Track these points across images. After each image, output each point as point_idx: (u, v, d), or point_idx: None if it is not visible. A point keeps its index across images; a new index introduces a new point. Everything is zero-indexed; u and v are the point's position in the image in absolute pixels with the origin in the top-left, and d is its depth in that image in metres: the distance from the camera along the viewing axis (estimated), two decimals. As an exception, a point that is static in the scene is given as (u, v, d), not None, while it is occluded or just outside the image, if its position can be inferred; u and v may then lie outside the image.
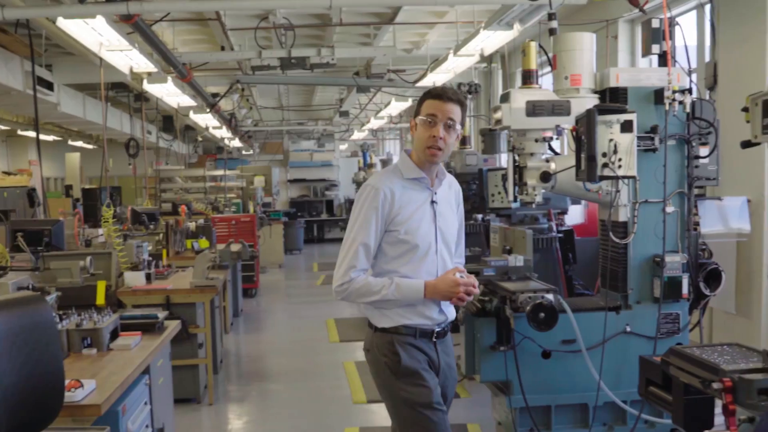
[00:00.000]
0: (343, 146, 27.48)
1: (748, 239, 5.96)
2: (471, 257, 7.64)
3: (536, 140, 5.49)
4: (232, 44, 10.89)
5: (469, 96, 12.34)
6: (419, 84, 11.93)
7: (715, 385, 2.50)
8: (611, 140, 4.71)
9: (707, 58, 7.07)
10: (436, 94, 3.44)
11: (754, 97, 2.55)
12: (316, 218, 25.82)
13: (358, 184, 20.09)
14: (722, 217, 5.54)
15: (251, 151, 25.80)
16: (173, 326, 5.27)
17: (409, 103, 16.29)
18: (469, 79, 12.25)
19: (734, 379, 2.47)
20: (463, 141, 9.23)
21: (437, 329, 3.57)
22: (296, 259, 20.68)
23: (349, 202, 23.78)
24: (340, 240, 15.48)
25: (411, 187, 3.51)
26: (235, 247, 8.78)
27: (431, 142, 3.41)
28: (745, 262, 6.31)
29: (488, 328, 5.09)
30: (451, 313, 3.64)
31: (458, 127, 3.46)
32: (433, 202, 3.53)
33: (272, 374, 8.49)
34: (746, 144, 2.65)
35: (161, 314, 5.18)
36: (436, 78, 11.35)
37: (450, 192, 3.67)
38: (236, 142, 21.65)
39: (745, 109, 2.63)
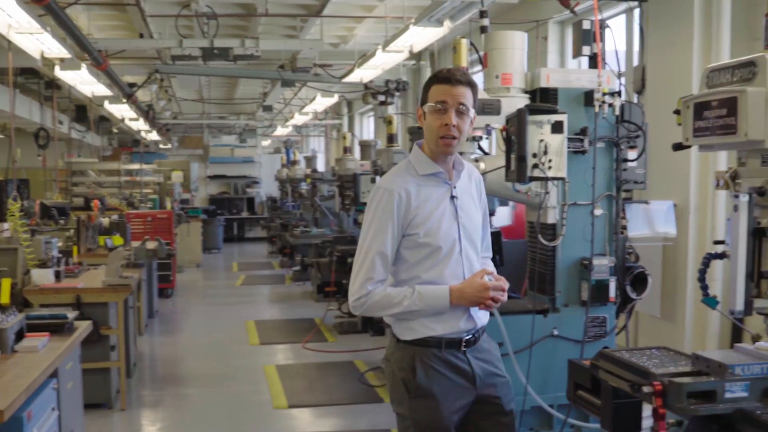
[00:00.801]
0: (266, 142, 27.28)
1: (673, 243, 6.11)
2: None
3: (466, 139, 5.60)
4: (152, 32, 10.69)
5: (397, 94, 12.47)
6: (346, 80, 11.92)
7: (646, 389, 2.54)
8: (542, 141, 4.77)
9: (635, 62, 7.22)
10: (444, 77, 3.18)
11: (686, 99, 2.60)
12: (237, 216, 25.57)
13: (281, 181, 20.02)
14: (649, 221, 5.67)
15: (169, 145, 25.38)
16: (84, 327, 5.14)
17: (335, 99, 16.31)
18: (397, 76, 12.36)
19: (664, 382, 2.52)
20: (390, 139, 9.25)
21: (466, 337, 3.30)
22: (215, 258, 20.47)
23: (272, 200, 23.62)
24: (261, 239, 15.48)
25: (427, 184, 3.27)
26: (150, 245, 8.62)
27: (444, 131, 3.16)
28: (670, 266, 6.48)
29: None
30: (482, 317, 3.37)
31: (471, 111, 3.21)
32: (453, 197, 3.28)
33: (188, 378, 8.36)
34: (678, 146, 2.70)
35: (71, 314, 5.05)
36: (363, 74, 11.36)
37: (470, 183, 3.42)
38: (154, 136, 21.27)
39: (677, 112, 2.68)
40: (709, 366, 2.58)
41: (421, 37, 8.83)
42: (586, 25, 5.30)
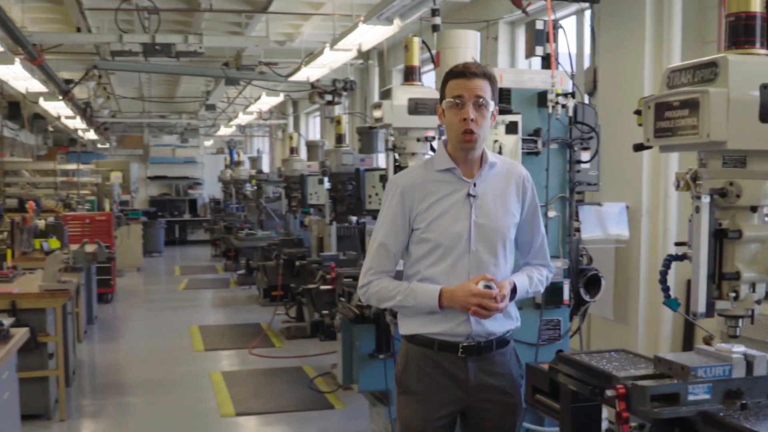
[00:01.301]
0: (209, 142, 27.07)
1: (626, 245, 6.19)
2: (346, 261, 7.67)
3: (418, 139, 5.61)
4: (90, 26, 10.52)
5: (344, 93, 12.45)
6: (292, 78, 11.87)
7: (609, 393, 2.55)
8: (496, 141, 4.77)
9: (587, 64, 7.30)
10: (458, 72, 3.17)
11: (647, 100, 2.62)
12: (178, 218, 25.33)
13: (225, 182, 19.87)
14: (602, 223, 5.73)
15: (108, 145, 25.02)
16: (20, 334, 5.01)
17: (280, 98, 16.23)
18: (345, 76, 12.34)
19: (627, 386, 2.53)
20: (339, 139, 9.22)
21: (465, 343, 3.24)
22: (156, 261, 20.25)
23: (215, 202, 23.42)
24: (204, 242, 15.31)
25: (439, 180, 3.26)
26: (89, 248, 8.48)
27: (463, 126, 3.13)
28: (623, 268, 6.57)
29: (367, 335, 5.12)
30: (489, 326, 3.26)
31: (491, 103, 3.17)
32: (470, 195, 3.23)
33: (131, 386, 8.23)
34: (639, 147, 2.72)
35: (6, 321, 4.93)
36: (310, 73, 11.33)
37: (508, 182, 3.31)
38: (91, 135, 20.95)
39: (638, 112, 2.70)
40: (672, 368, 2.61)
41: (370, 35, 8.82)
42: (539, 25, 5.32)
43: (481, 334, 3.25)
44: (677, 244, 2.69)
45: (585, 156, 5.16)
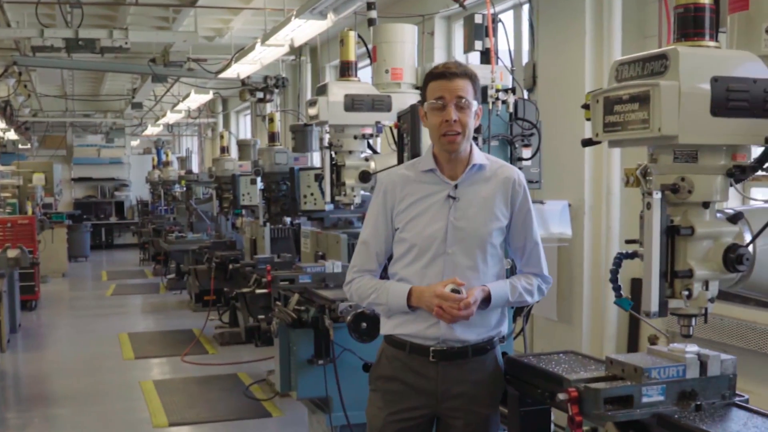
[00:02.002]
0: (135, 142, 26.65)
1: (569, 244, 6.20)
2: (281, 263, 7.56)
3: (355, 137, 5.58)
4: (9, 20, 10.23)
5: (276, 90, 12.35)
6: (222, 75, 11.75)
7: (560, 396, 2.52)
8: (436, 139, 4.72)
9: (525, 59, 7.31)
10: (439, 73, 3.18)
11: (595, 93, 2.59)
12: (105, 221, 24.90)
13: (153, 183, 19.59)
14: (543, 222, 5.73)
15: (29, 145, 24.50)
16: (-62, 346, 4.80)
17: (209, 95, 16.05)
18: (277, 72, 12.25)
19: (580, 389, 2.50)
20: (272, 138, 9.14)
21: (436, 347, 3.20)
22: (82, 266, 19.88)
23: (143, 204, 23.05)
24: (132, 246, 15.06)
25: (421, 181, 3.28)
26: (12, 253, 8.24)
27: (445, 128, 3.13)
28: (566, 267, 6.58)
29: (305, 340, 5.01)
30: (471, 332, 3.21)
31: (473, 103, 3.17)
32: (450, 196, 3.22)
33: (58, 398, 8.03)
34: (587, 142, 2.69)
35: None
36: (240, 69, 11.23)
37: (495, 184, 3.26)
38: (12, 135, 20.48)
39: (586, 107, 2.67)
40: (625, 370, 2.59)
41: (303, 30, 8.74)
42: (478, 19, 5.32)
43: (453, 340, 3.20)
44: (628, 241, 2.66)
45: (526, 153, 5.13)
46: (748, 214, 2.56)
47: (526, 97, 6.90)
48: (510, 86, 5.18)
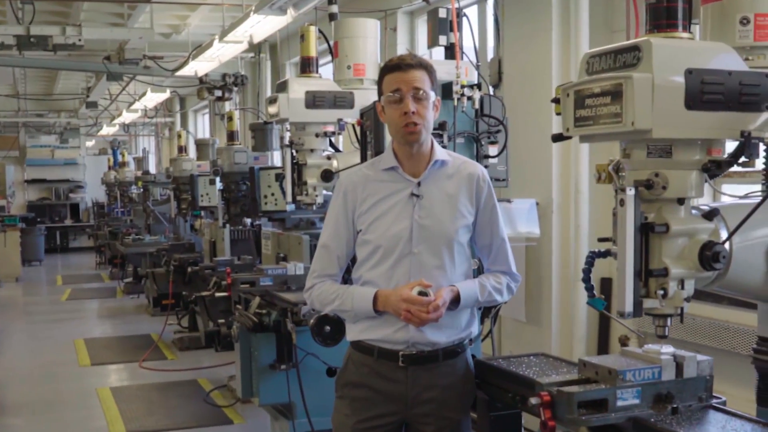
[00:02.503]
0: (90, 143, 26.41)
1: (537, 244, 6.17)
2: (241, 266, 7.47)
3: (317, 135, 5.51)
4: (-44, 18, 10.02)
5: (235, 89, 12.23)
6: (179, 73, 11.60)
7: (533, 401, 2.47)
8: (395, 137, 4.66)
9: (490, 55, 7.28)
10: (393, 65, 3.13)
11: (565, 87, 2.54)
12: (60, 224, 24.62)
13: (109, 185, 19.41)
14: (510, 221, 5.70)
15: (-21, 147, 24.08)
16: None
17: (166, 94, 15.89)
18: (235, 70, 12.13)
19: (552, 392, 2.45)
20: (231, 137, 9.05)
21: (405, 351, 3.13)
22: (36, 271, 19.68)
23: (99, 206, 22.80)
24: (87, 249, 14.80)
25: (383, 179, 3.22)
26: (-40, 259, 8.04)
27: (404, 121, 3.08)
28: (534, 267, 6.55)
29: (267, 344, 4.97)
30: (441, 335, 3.14)
31: (431, 94, 3.12)
32: (413, 194, 3.16)
33: (11, 406, 7.89)
34: (558, 137, 2.63)
35: None
36: (198, 67, 11.11)
37: (459, 181, 3.21)
38: (-39, 136, 20.11)
39: (556, 101, 2.61)
40: (598, 372, 2.54)
41: (262, 26, 8.66)
42: (442, 13, 5.27)
43: (423, 343, 3.14)
44: (601, 239, 2.62)
45: (493, 150, 5.10)
46: (724, 210, 2.52)
47: (491, 93, 6.88)
48: (475, 82, 5.14)
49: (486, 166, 5.14)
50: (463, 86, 4.97)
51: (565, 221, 6.31)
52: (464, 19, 5.40)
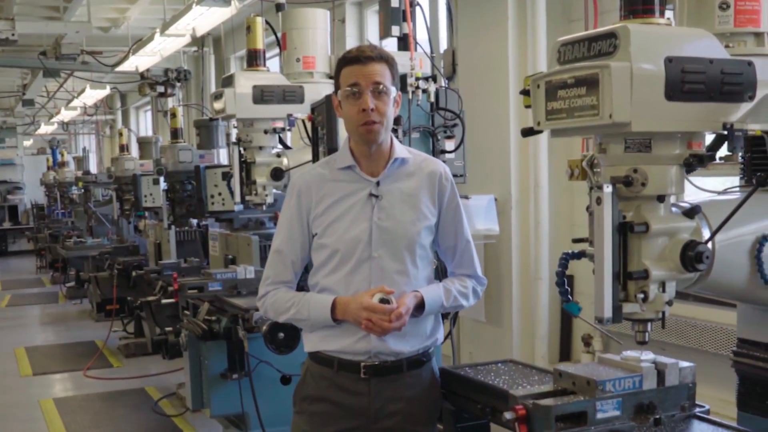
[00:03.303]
0: (28, 142, 26.17)
1: (496, 241, 6.08)
2: (188, 269, 7.30)
3: (265, 131, 5.38)
4: None
5: (178, 84, 12.06)
6: (119, 68, 11.59)
7: (507, 415, 2.33)
8: (350, 134, 4.54)
9: (443, 46, 7.18)
10: (352, 57, 2.97)
11: (536, 78, 2.41)
12: (-3, 227, 24.08)
13: (48, 186, 19.15)
14: (468, 218, 5.55)
15: None
16: None
17: (107, 90, 15.68)
18: (178, 65, 11.96)
19: (528, 406, 2.32)
20: (175, 134, 8.87)
21: (367, 362, 2.98)
22: (-27, 276, 19.16)
23: (38, 208, 22.39)
24: (27, 252, 14.42)
25: (339, 179, 3.07)
26: None
27: (362, 118, 2.91)
28: (493, 265, 6.46)
29: (217, 352, 4.88)
30: (405, 343, 3.00)
31: (392, 89, 2.97)
32: (372, 195, 3.02)
33: (-55, 422, 7.63)
34: (528, 132, 2.50)
35: None
36: (139, 62, 11.07)
37: (420, 179, 3.08)
38: None
39: (525, 92, 2.48)
40: (576, 383, 2.41)
41: (206, 18, 8.63)
42: (394, 2, 5.17)
43: (386, 353, 2.99)
44: (575, 240, 2.49)
45: (449, 145, 5.01)
46: (704, 207, 2.41)
47: (446, 85, 6.78)
48: (430, 74, 5.03)
49: (443, 162, 5.07)
50: (418, 79, 4.87)
51: (525, 217, 6.23)
52: (417, 8, 5.32)
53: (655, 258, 2.32)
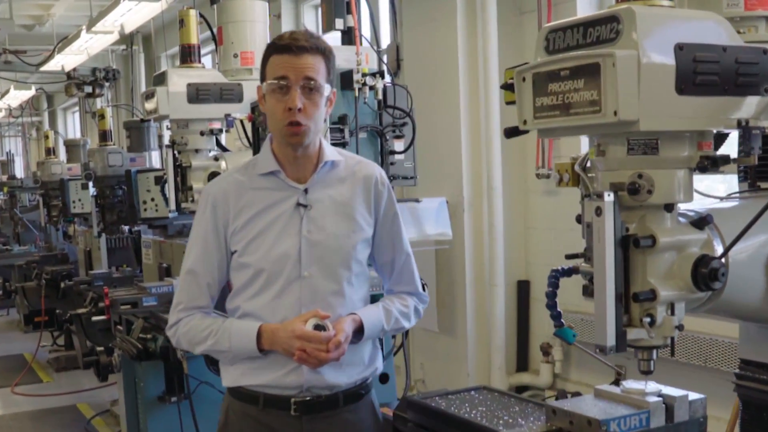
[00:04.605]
0: (-51, 145, 25.08)
1: (449, 246, 5.80)
2: (120, 279, 6.97)
3: (201, 133, 5.14)
4: None
5: (107, 84, 11.64)
6: (45, 68, 11.36)
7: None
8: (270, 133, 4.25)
9: (385, 41, 6.90)
10: (283, 45, 2.56)
11: (521, 70, 2.09)
12: None
13: (-31, 192, 18.44)
14: (418, 222, 5.34)
15: None
16: None
17: (32, 91, 15.31)
18: (106, 64, 11.57)
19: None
20: (104, 136, 8.53)
21: (298, 397, 2.63)
22: None
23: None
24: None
25: (261, 187, 2.67)
26: None
27: (288, 117, 2.52)
28: (445, 272, 6.21)
29: (154, 374, 4.63)
30: (341, 374, 2.66)
31: (325, 87, 2.58)
32: (299, 204, 2.64)
33: None
34: (512, 132, 2.18)
35: None
36: (65, 61, 10.90)
37: (354, 185, 2.72)
38: None
39: (507, 86, 2.16)
40: (574, 422, 2.09)
41: (134, 14, 8.49)
42: (339, -6, 4.90)
43: (320, 386, 2.62)
44: (569, 256, 2.16)
45: (399, 145, 4.74)
46: (713, 215, 2.10)
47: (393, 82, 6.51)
48: (377, 70, 4.73)
49: (392, 164, 4.79)
50: (364, 75, 4.58)
51: (478, 221, 5.99)
52: (362, 0, 5.05)
53: (662, 276, 2.01)
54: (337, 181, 2.68)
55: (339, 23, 4.90)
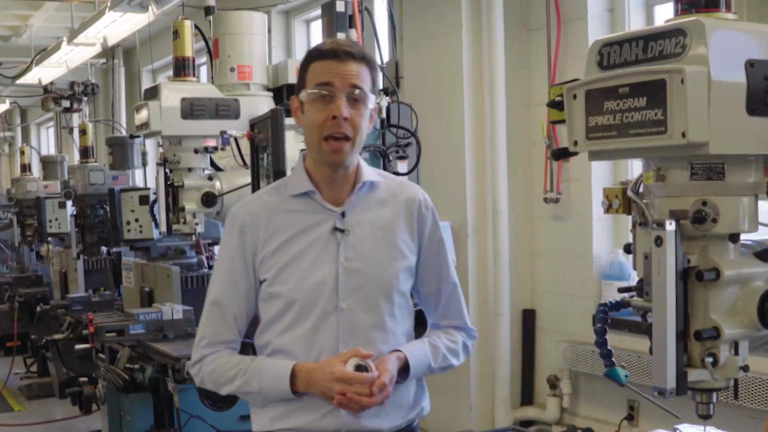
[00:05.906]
0: None
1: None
2: (100, 303, 6.86)
3: (195, 150, 5.01)
4: None
5: (85, 99, 11.53)
6: (20, 81, 11.35)
7: None
8: (303, 150, 4.11)
9: (385, 57, 6.83)
10: (327, 50, 2.42)
11: (572, 86, 1.99)
12: None
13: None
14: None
15: None
16: None
17: (6, 105, 15.19)
18: (85, 78, 11.45)
19: None
20: (85, 153, 8.43)
21: None
22: None
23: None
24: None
25: (295, 209, 2.51)
26: None
27: (331, 128, 2.37)
28: (448, 299, 6.09)
29: (142, 407, 4.51)
30: (384, 418, 2.48)
31: (370, 98, 2.43)
32: (336, 229, 2.48)
33: None
34: (561, 153, 2.08)
35: None
36: (42, 73, 10.83)
37: (395, 209, 2.57)
38: None
39: (555, 104, 2.07)
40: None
41: (119, 26, 8.41)
42: (339, 7, 4.86)
43: (359, 431, 2.45)
44: (621, 290, 2.05)
45: (402, 167, 4.65)
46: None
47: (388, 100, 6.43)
48: (381, 87, 4.67)
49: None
50: (369, 91, 4.50)
51: (483, 246, 5.88)
52: (365, 14, 4.99)
53: (725, 312, 1.92)
54: (377, 204, 2.52)
55: (340, 37, 4.82)
